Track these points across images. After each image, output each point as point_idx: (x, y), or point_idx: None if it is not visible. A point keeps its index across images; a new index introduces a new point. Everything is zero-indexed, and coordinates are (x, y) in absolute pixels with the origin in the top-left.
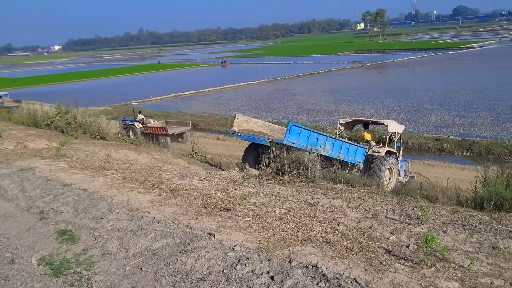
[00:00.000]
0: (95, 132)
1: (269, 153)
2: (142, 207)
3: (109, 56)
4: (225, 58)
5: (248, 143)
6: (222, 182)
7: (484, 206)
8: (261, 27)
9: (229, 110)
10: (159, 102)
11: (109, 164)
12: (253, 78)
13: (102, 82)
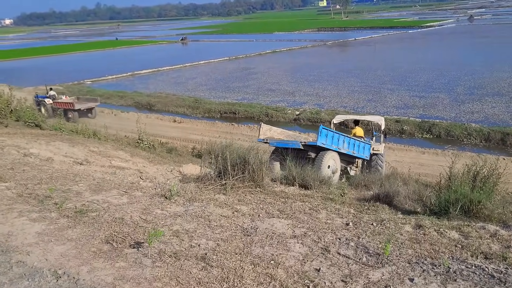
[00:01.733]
0: (29, 119)
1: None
2: (24, 246)
3: (65, 32)
4: (185, 35)
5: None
6: (146, 197)
7: (449, 211)
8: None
9: (187, 89)
10: (115, 81)
11: (11, 172)
12: (214, 56)
13: (56, 59)
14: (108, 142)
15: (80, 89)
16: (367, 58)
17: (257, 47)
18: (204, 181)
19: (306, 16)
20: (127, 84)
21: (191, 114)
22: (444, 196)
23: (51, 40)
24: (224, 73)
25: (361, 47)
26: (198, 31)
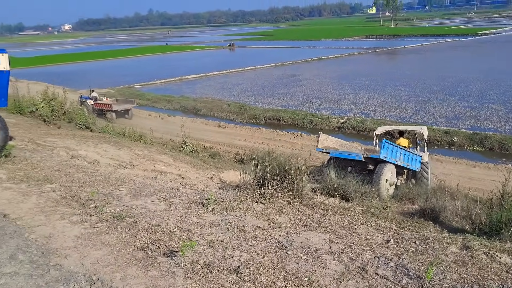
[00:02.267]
0: (80, 121)
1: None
2: (63, 248)
3: (118, 37)
4: (233, 41)
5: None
6: (183, 204)
7: (501, 232)
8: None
9: (233, 95)
10: (164, 85)
11: (57, 174)
12: (260, 63)
13: (109, 63)
14: (153, 146)
15: (130, 93)
16: (416, 66)
17: (304, 54)
18: (243, 189)
19: (354, 23)
20: (175, 89)
21: (236, 120)
22: (496, 215)
23: (106, 45)
24: (269, 79)
25: (410, 55)
26: (246, 37)
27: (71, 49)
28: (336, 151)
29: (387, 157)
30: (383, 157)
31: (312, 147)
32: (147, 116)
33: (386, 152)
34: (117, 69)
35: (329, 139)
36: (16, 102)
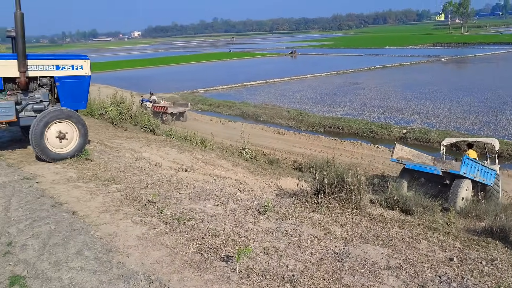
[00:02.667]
0: (145, 125)
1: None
2: (125, 247)
3: (184, 43)
4: (295, 49)
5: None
6: (240, 210)
7: None
8: (334, 17)
9: (293, 102)
10: (225, 91)
11: (123, 175)
12: (321, 70)
13: (174, 68)
14: (213, 151)
15: (193, 98)
16: (487, 76)
17: (366, 62)
18: (300, 198)
19: (421, 30)
20: (236, 95)
21: (295, 127)
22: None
23: (172, 51)
24: (330, 87)
25: (481, 64)
26: (308, 45)
27: (139, 54)
28: (413, 163)
29: (466, 173)
30: (463, 173)
31: (371, 157)
32: (209, 121)
33: (466, 168)
34: (182, 75)
35: (403, 149)
36: (88, 105)
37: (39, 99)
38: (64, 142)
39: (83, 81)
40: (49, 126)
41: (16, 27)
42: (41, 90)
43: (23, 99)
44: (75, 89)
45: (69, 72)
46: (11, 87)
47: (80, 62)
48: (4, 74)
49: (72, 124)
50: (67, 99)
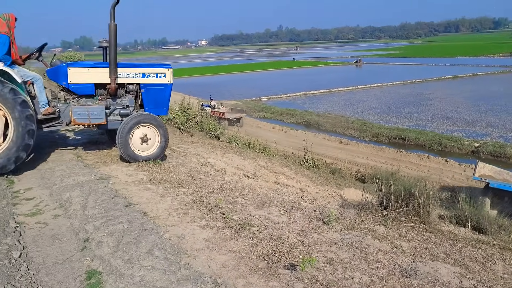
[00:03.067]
0: (210, 131)
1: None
2: (192, 249)
3: (249, 52)
4: (360, 58)
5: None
6: (304, 219)
7: None
8: (402, 26)
9: (356, 112)
10: (288, 99)
11: (190, 179)
12: (387, 80)
13: (238, 76)
14: (275, 158)
15: (256, 105)
16: None
17: (436, 71)
18: (365, 209)
19: (497, 39)
20: (299, 103)
21: (358, 137)
22: None
23: (237, 59)
24: (396, 97)
25: None
26: (373, 54)
27: (205, 62)
28: (498, 182)
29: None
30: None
31: (439, 171)
32: (271, 129)
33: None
34: (246, 82)
35: (485, 166)
36: None
37: (126, 105)
38: (147, 144)
39: (166, 89)
40: (134, 129)
41: (109, 37)
42: (128, 96)
43: (112, 104)
44: (158, 96)
45: (154, 80)
46: (102, 92)
47: (164, 71)
48: (96, 80)
49: (155, 128)
50: (150, 105)
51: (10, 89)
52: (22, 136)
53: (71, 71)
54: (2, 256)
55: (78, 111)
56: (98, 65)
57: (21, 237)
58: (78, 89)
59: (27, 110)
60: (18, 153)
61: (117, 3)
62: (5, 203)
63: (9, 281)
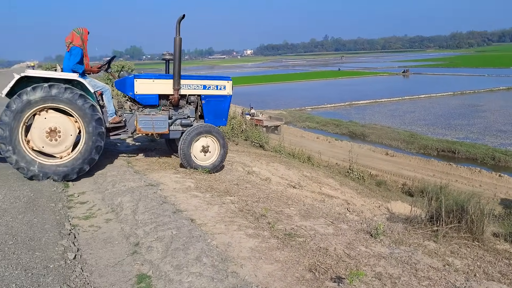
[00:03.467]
0: (255, 140)
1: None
2: (239, 258)
3: (293, 61)
4: (407, 68)
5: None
6: (351, 231)
7: None
8: (453, 35)
9: (403, 123)
10: (333, 110)
11: (236, 187)
12: (436, 90)
13: (283, 86)
14: (320, 169)
15: (300, 115)
16: None
17: (489, 82)
18: (413, 224)
19: None
20: (344, 113)
21: (405, 149)
22: None
23: (281, 69)
24: (445, 108)
25: None
26: (422, 64)
27: (250, 72)
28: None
29: None
30: None
31: (492, 186)
32: (315, 139)
33: None
34: (290, 92)
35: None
36: None
37: (187, 115)
38: (207, 155)
39: (225, 100)
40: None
41: (174, 50)
42: (189, 107)
43: (174, 114)
44: (218, 107)
45: (214, 92)
46: (165, 103)
47: (224, 83)
48: (160, 91)
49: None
50: (210, 115)
51: (90, 106)
52: (90, 150)
53: (137, 82)
54: (58, 257)
55: (143, 121)
56: (163, 77)
57: (75, 239)
58: (143, 99)
59: (100, 128)
60: (82, 165)
61: (183, 18)
62: (60, 206)
63: (64, 281)
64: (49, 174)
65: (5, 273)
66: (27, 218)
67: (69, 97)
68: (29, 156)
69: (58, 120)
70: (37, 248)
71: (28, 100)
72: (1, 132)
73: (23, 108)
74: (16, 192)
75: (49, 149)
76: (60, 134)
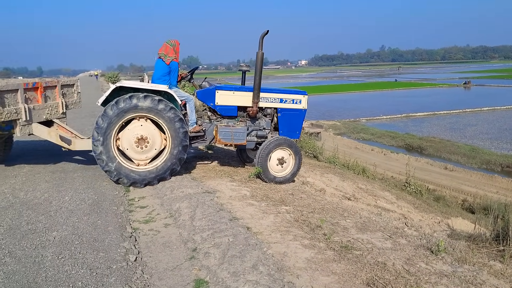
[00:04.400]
0: (309, 150)
1: None
2: (295, 268)
3: (348, 72)
4: (469, 79)
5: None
6: (410, 246)
7: None
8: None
9: (464, 137)
10: (388, 121)
11: (291, 197)
12: (500, 103)
13: (337, 96)
14: (375, 181)
15: (354, 126)
16: None
17: None
18: (477, 242)
19: None
20: (400, 125)
21: (466, 163)
22: None
23: (336, 79)
24: (511, 122)
25: None
26: (485, 75)
27: (304, 82)
28: None
29: None
30: None
31: None
32: (370, 151)
33: None
34: (345, 103)
35: None
36: None
37: (263, 127)
38: (283, 166)
39: (300, 114)
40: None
41: (256, 64)
42: (265, 119)
43: (250, 125)
44: (293, 121)
45: (290, 105)
46: (242, 114)
47: (300, 97)
48: (240, 103)
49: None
50: (285, 128)
51: (179, 119)
52: (173, 160)
53: (218, 94)
54: (121, 258)
55: (223, 131)
56: (242, 89)
57: (136, 242)
58: (223, 110)
59: (185, 141)
60: (164, 174)
61: (266, 34)
62: (122, 209)
63: (126, 282)
64: (121, 176)
65: (72, 271)
66: (91, 219)
67: (160, 109)
68: (113, 153)
69: (151, 131)
70: (100, 248)
71: (136, 104)
72: (101, 122)
73: (128, 110)
74: (81, 194)
75: (132, 153)
76: (148, 144)
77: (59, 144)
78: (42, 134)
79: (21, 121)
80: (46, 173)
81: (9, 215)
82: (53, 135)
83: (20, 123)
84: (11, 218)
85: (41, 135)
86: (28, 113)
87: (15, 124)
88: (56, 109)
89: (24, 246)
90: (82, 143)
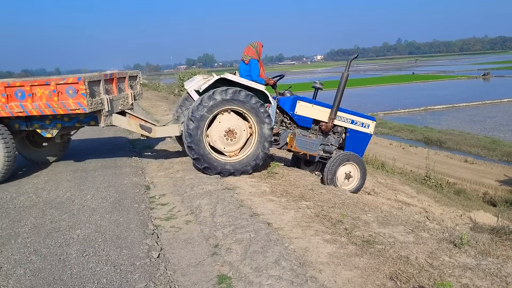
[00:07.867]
0: None
1: None
2: (317, 263)
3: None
4: (488, 70)
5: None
6: (432, 240)
7: None
8: None
9: (484, 129)
10: (406, 115)
11: (311, 193)
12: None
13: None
14: (395, 175)
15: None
16: None
17: None
18: (500, 235)
19: None
20: (418, 119)
21: (486, 156)
22: None
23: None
24: None
25: None
26: (504, 66)
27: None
28: None
29: None
30: None
31: None
32: (388, 145)
33: None
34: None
35: None
36: None
37: (330, 143)
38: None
39: (366, 137)
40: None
41: (340, 83)
42: (334, 136)
43: (320, 139)
44: (359, 142)
45: (359, 128)
46: (315, 127)
47: (369, 122)
48: (316, 116)
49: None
50: (350, 148)
51: (268, 115)
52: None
53: (299, 104)
54: (143, 255)
55: (300, 140)
56: (321, 104)
57: (158, 239)
58: (300, 120)
59: (270, 137)
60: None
61: (355, 58)
62: (143, 206)
63: (150, 278)
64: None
65: (96, 268)
66: (114, 217)
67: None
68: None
69: (236, 122)
70: (124, 246)
71: (233, 96)
72: (196, 110)
73: (227, 101)
74: (103, 193)
75: (221, 146)
76: (235, 136)
77: (140, 133)
78: (122, 124)
79: (104, 112)
80: (68, 172)
81: (33, 214)
82: (133, 124)
83: (103, 113)
84: (35, 217)
85: (121, 124)
86: (110, 103)
87: (99, 114)
88: (127, 100)
89: (49, 244)
90: (162, 130)
